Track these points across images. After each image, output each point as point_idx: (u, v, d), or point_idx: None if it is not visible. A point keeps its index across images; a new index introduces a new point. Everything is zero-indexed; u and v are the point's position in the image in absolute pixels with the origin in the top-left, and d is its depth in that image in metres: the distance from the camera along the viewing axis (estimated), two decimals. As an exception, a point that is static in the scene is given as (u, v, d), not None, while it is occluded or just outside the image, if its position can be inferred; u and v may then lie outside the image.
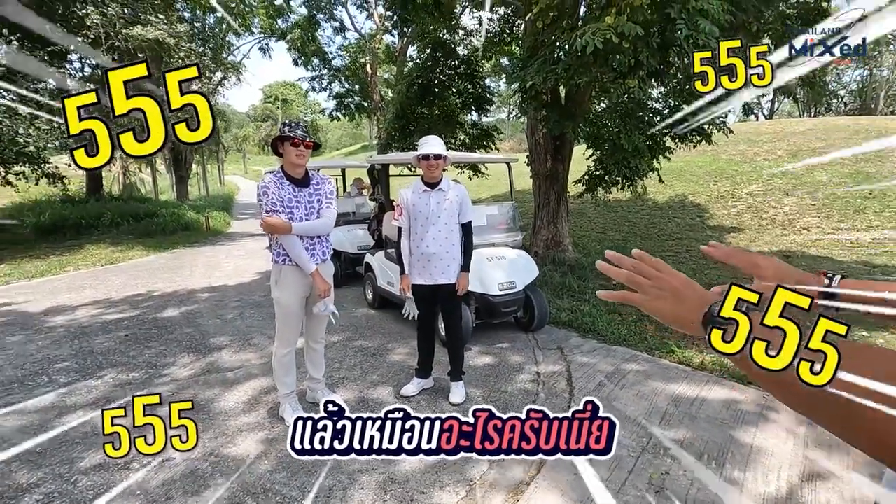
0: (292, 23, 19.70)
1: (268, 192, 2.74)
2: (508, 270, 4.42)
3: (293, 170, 2.84)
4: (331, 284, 2.94)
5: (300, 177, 2.87)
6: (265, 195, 2.74)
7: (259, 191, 2.77)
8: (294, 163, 2.80)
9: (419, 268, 3.22)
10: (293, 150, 2.77)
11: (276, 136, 2.83)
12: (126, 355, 4.36)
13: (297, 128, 2.80)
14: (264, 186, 2.76)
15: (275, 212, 2.73)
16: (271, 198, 2.73)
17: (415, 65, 10.76)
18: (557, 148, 7.62)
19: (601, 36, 3.81)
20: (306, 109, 52.17)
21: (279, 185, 2.79)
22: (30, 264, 9.73)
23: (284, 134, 2.76)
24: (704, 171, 14.09)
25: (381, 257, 5.36)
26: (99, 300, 6.52)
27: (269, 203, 2.73)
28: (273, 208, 2.72)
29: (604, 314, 5.12)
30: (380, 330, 4.97)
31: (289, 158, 2.79)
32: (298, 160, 2.80)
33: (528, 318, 4.64)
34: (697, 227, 10.97)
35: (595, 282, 6.54)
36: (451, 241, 3.18)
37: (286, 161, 2.82)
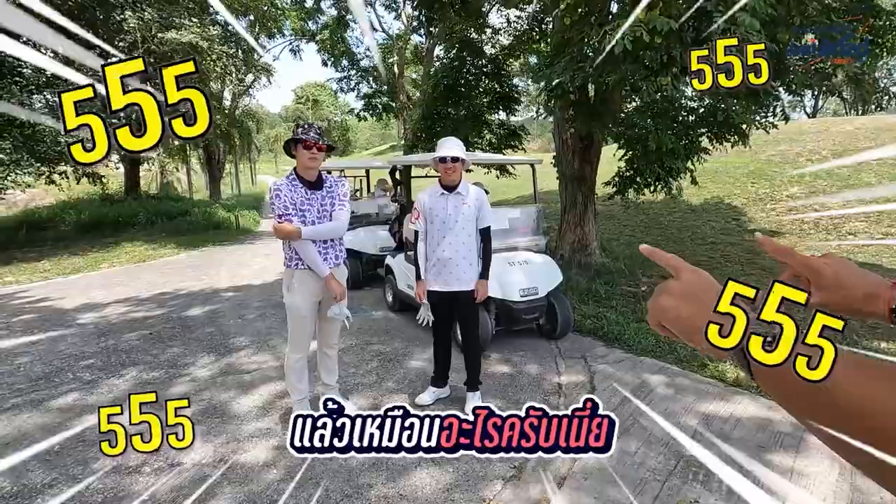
0: (322, 24, 19.92)
1: (279, 196, 2.69)
2: (531, 275, 4.27)
3: (306, 172, 2.78)
4: (344, 288, 2.87)
5: (313, 179, 2.81)
6: (276, 199, 2.69)
7: (271, 194, 2.72)
8: (307, 165, 2.74)
9: (435, 273, 3.12)
10: (306, 153, 2.71)
11: (288, 139, 2.77)
12: (149, 354, 4.41)
13: (309, 130, 2.74)
14: (276, 189, 2.71)
15: (286, 216, 2.67)
16: (283, 201, 2.68)
17: (441, 64, 10.67)
18: (585, 148, 7.39)
19: (631, 34, 3.61)
20: (336, 110, 52.85)
21: (291, 188, 2.74)
22: (68, 261, 10.12)
23: (297, 136, 2.70)
24: (742, 173, 13.50)
25: (402, 260, 5.28)
26: (128, 297, 6.68)
27: (281, 207, 2.68)
28: (285, 212, 2.67)
29: (631, 322, 4.90)
30: (398, 334, 4.89)
31: (301, 161, 2.73)
32: (311, 163, 2.74)
33: (550, 325, 4.48)
34: (733, 231, 10.50)
35: (623, 287, 6.30)
36: (469, 246, 3.06)
37: (299, 163, 2.77)
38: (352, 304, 6.10)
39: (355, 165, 8.68)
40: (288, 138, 2.79)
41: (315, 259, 2.73)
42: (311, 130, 2.74)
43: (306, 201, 2.76)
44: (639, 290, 6.20)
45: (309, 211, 2.76)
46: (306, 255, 2.73)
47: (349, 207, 2.97)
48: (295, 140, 2.72)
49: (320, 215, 2.80)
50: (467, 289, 3.08)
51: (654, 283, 6.65)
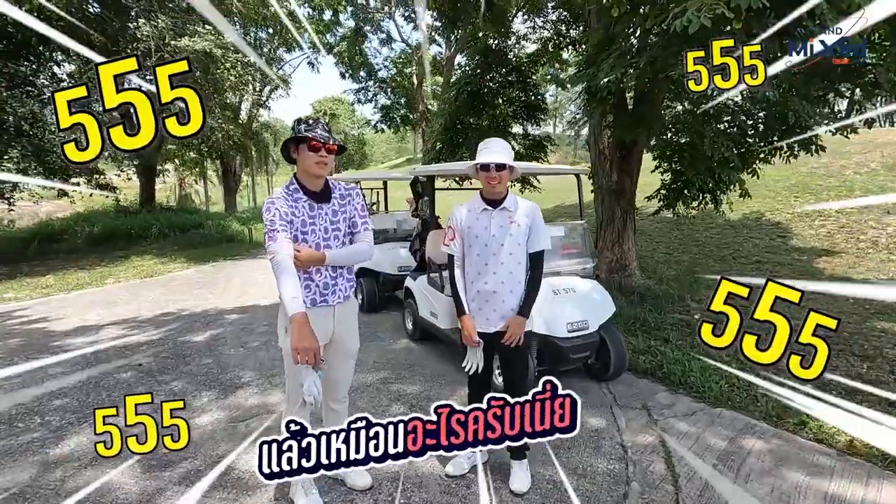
0: (340, 36, 19.72)
1: (270, 209, 2.06)
2: (580, 306, 3.59)
3: (311, 181, 2.16)
4: (319, 346, 1.98)
5: (319, 189, 2.19)
6: (267, 212, 2.07)
7: (264, 206, 2.11)
8: (313, 172, 2.11)
9: (473, 309, 2.46)
10: (312, 156, 2.08)
11: (288, 138, 2.16)
12: (132, 392, 3.81)
13: (316, 126, 2.12)
14: (269, 202, 2.09)
15: (275, 231, 2.03)
16: (273, 214, 2.05)
17: (463, 72, 10.14)
18: (624, 158, 6.71)
19: (709, 11, 2.97)
20: (353, 123, 52.96)
21: (291, 202, 2.12)
22: (74, 276, 9.71)
23: (300, 134, 2.09)
24: (782, 186, 12.63)
25: (424, 283, 4.64)
26: (126, 319, 6.16)
27: (269, 221, 2.04)
28: (272, 227, 2.03)
29: (692, 359, 4.17)
30: (421, 369, 4.23)
31: (305, 166, 2.11)
32: (318, 169, 2.11)
33: (601, 364, 3.78)
34: (779, 248, 9.66)
35: (674, 315, 5.56)
36: (517, 276, 2.40)
37: (301, 169, 2.14)
38: (367, 330, 5.48)
39: (373, 177, 8.11)
40: (287, 138, 2.18)
41: (286, 290, 1.95)
42: (317, 126, 2.13)
43: (309, 218, 2.14)
44: (692, 319, 5.45)
45: (313, 231, 2.14)
46: (281, 280, 1.97)
47: (371, 224, 2.35)
48: (297, 139, 2.10)
49: (328, 236, 2.18)
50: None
51: (706, 309, 5.89)
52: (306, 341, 1.91)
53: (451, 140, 9.30)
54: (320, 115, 51.25)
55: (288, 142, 2.14)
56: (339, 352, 2.33)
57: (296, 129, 2.12)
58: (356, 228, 2.26)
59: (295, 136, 2.10)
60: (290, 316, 1.91)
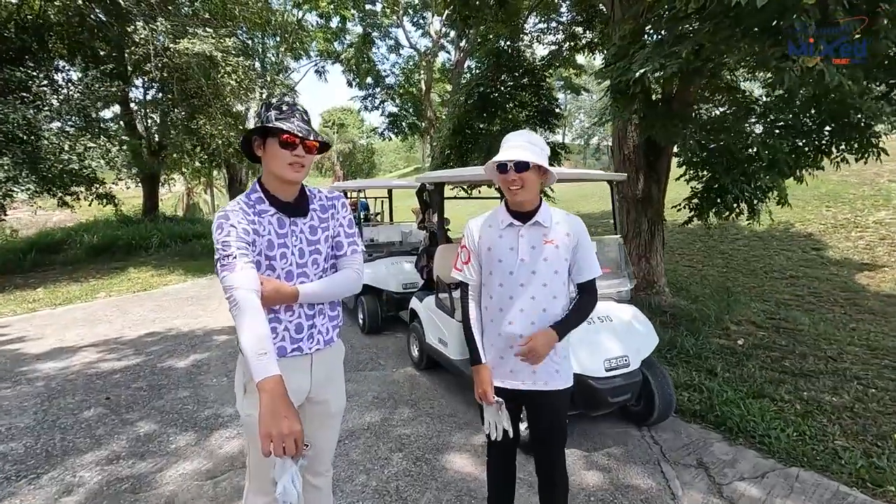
0: (348, 43, 19.40)
1: (223, 227, 1.47)
2: (619, 339, 2.99)
3: (281, 188, 1.57)
4: (300, 429, 1.29)
5: (292, 200, 1.61)
6: (219, 231, 1.47)
7: (214, 224, 1.51)
8: (286, 177, 1.51)
9: (494, 356, 1.87)
10: (285, 155, 1.49)
11: (250, 129, 1.57)
12: (91, 435, 3.27)
13: (291, 114, 1.53)
14: (222, 216, 1.50)
15: (230, 258, 1.43)
16: (227, 234, 1.45)
17: (473, 75, 9.64)
18: (651, 165, 6.13)
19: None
20: (361, 133, 52.82)
21: (254, 214, 1.53)
22: (65, 289, 9.25)
23: (269, 124, 1.49)
24: (811, 195, 11.90)
25: (431, 304, 4.06)
26: (108, 339, 5.63)
27: (221, 243, 1.44)
28: (226, 252, 1.42)
29: (747, 397, 3.54)
30: (429, 408, 3.63)
31: (275, 168, 1.51)
32: (292, 172, 1.51)
33: (645, 407, 3.16)
34: (815, 262, 8.96)
35: (714, 340, 4.92)
36: (552, 315, 1.80)
37: (268, 172, 1.55)
38: (367, 355, 4.89)
39: (377, 184, 7.60)
40: (250, 129, 1.59)
41: (249, 341, 1.32)
42: (293, 115, 1.53)
43: (279, 238, 1.56)
44: (735, 345, 4.81)
45: (283, 255, 1.56)
46: (242, 325, 1.35)
47: (362, 242, 1.77)
48: (264, 131, 1.52)
49: (304, 262, 1.60)
50: (553, 387, 1.82)
51: (749, 334, 5.26)
52: (283, 424, 1.25)
53: (459, 146, 8.75)
54: (332, 127, 50.92)
55: (251, 133, 1.56)
56: (318, 414, 1.74)
57: (262, 117, 1.52)
58: (341, 250, 1.68)
59: (262, 125, 1.52)
60: (258, 383, 1.28)
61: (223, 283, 1.43)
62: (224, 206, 1.54)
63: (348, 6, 17.69)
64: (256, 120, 1.56)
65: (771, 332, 5.35)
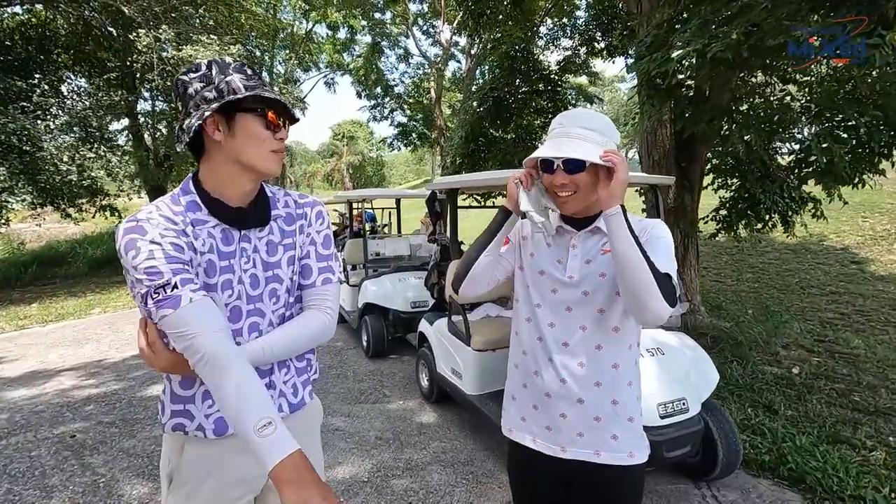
0: (357, 54, 19.21)
1: (141, 247, 0.94)
2: (673, 377, 2.44)
3: (233, 187, 1.05)
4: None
5: (245, 204, 1.10)
6: (135, 253, 0.94)
7: (121, 243, 0.97)
8: (267, 170, 1.04)
9: (524, 404, 1.35)
10: (266, 139, 1.02)
11: (197, 103, 1.00)
12: (42, 486, 2.77)
13: (259, 78, 1.04)
14: (135, 228, 0.96)
15: (168, 287, 0.93)
16: (149, 257, 0.94)
17: (486, 80, 9.21)
18: (683, 171, 5.59)
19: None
20: (371, 146, 52.80)
21: (185, 225, 1.01)
22: (60, 304, 8.88)
23: (242, 94, 0.97)
24: (846, 205, 11.23)
25: (443, 329, 3.54)
26: (89, 362, 5.17)
27: (146, 269, 0.93)
28: (158, 281, 0.93)
29: (821, 443, 2.95)
30: (441, 452, 3.09)
31: (251, 156, 1.02)
32: (276, 163, 1.05)
33: (706, 460, 2.59)
34: (857, 277, 8.30)
35: (764, 368, 4.32)
36: (612, 355, 1.26)
37: (222, 164, 1.03)
38: (370, 384, 4.33)
39: (385, 194, 7.13)
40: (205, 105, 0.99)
41: (246, 417, 0.89)
42: (262, 83, 1.03)
43: (223, 260, 1.05)
44: (791, 374, 4.20)
45: (227, 284, 1.04)
46: (228, 395, 0.91)
47: (340, 266, 1.26)
48: (231, 107, 0.99)
49: (257, 295, 1.09)
50: (609, 460, 1.26)
51: (802, 360, 4.64)
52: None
53: (472, 154, 8.29)
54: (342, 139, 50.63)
55: (193, 105, 1.00)
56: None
57: (220, 83, 0.99)
58: (308, 278, 1.16)
59: (221, 97, 0.98)
60: (273, 471, 0.85)
61: (167, 329, 0.95)
62: (133, 213, 1.03)
63: (357, 16, 17.52)
64: (205, 86, 1.00)
65: (826, 358, 4.74)
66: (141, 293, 0.94)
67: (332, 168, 49.51)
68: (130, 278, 0.97)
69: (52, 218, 14.91)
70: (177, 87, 1.03)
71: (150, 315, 0.97)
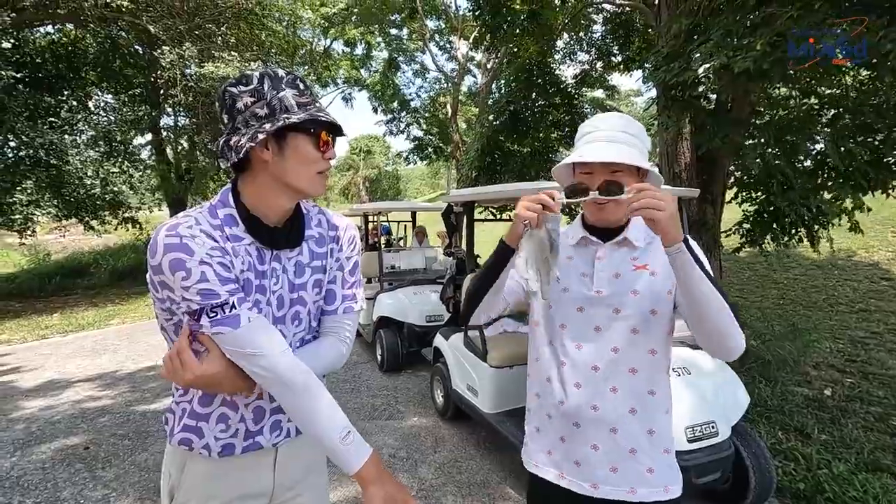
0: (374, 70, 19.50)
1: (189, 268, 0.88)
2: (702, 399, 2.32)
3: (274, 207, 1.00)
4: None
5: (280, 223, 1.03)
6: (183, 273, 0.88)
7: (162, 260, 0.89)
8: (313, 192, 1.00)
9: (550, 435, 1.25)
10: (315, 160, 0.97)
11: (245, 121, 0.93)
12: (54, 499, 2.74)
13: (310, 94, 0.98)
14: (180, 244, 0.89)
15: (226, 307, 0.90)
16: (199, 278, 0.88)
17: (503, 93, 9.23)
18: (705, 184, 5.46)
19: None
20: (388, 160, 53.32)
21: (224, 242, 0.95)
22: (81, 315, 9.02)
23: (297, 115, 0.92)
24: (873, 220, 10.85)
25: (459, 344, 3.46)
26: (105, 373, 5.21)
27: (200, 290, 0.89)
28: (216, 300, 0.89)
29: (859, 471, 2.78)
30: (456, 472, 2.99)
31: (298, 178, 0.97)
32: (320, 185, 1.00)
33: (730, 482, 2.45)
34: (888, 294, 7.99)
35: (793, 389, 4.13)
36: (647, 380, 1.18)
37: (265, 183, 0.97)
38: (384, 400, 4.24)
39: (400, 207, 7.12)
40: (260, 125, 0.92)
41: (329, 431, 0.95)
42: (313, 101, 0.98)
43: (256, 278, 0.99)
44: (823, 396, 4.01)
45: (258, 303, 0.99)
46: (309, 412, 0.95)
47: (363, 297, 1.20)
48: (283, 127, 0.92)
49: (282, 314, 1.04)
50: (645, 498, 1.16)
51: (833, 381, 4.44)
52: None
53: (488, 167, 8.27)
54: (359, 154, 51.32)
55: (249, 130, 0.92)
56: None
57: (273, 100, 0.92)
58: (332, 304, 1.11)
59: (274, 115, 0.92)
60: (358, 474, 0.95)
61: (225, 345, 0.93)
62: (165, 222, 0.96)
63: (374, 32, 17.81)
64: (255, 102, 0.93)
65: (859, 379, 4.53)
66: (192, 310, 0.90)
67: (349, 182, 50.04)
68: (170, 294, 0.91)
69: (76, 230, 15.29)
70: (223, 98, 0.94)
71: (200, 329, 0.92)
